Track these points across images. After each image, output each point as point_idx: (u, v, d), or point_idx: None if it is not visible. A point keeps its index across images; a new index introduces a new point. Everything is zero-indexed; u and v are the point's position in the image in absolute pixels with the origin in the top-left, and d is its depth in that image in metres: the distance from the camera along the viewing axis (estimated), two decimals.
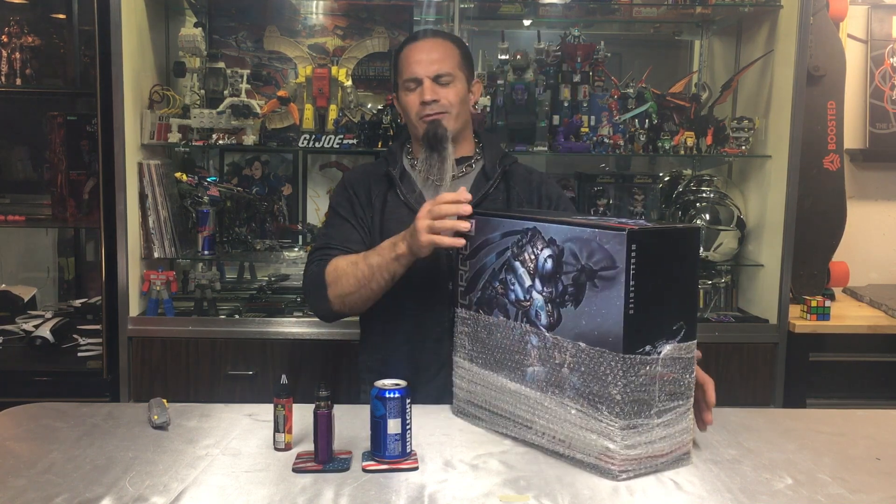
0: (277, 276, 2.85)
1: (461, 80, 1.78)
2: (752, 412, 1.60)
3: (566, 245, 1.32)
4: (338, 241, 1.76)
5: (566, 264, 1.31)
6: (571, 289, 1.31)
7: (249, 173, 2.84)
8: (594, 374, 1.26)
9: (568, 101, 2.60)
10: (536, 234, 1.37)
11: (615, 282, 1.23)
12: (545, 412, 1.35)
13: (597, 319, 1.26)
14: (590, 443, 1.27)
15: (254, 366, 2.43)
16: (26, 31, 2.80)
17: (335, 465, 1.28)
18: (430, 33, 1.85)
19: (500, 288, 1.44)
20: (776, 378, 2.48)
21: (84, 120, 2.69)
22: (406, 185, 1.79)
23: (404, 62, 1.78)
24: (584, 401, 1.28)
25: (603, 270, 1.25)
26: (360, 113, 2.63)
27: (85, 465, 1.28)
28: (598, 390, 1.25)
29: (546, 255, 1.35)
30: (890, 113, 3.00)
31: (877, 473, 1.30)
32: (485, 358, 1.46)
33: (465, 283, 1.50)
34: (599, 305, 1.26)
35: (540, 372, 1.36)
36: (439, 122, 1.73)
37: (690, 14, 2.81)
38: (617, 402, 1.23)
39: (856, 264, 2.86)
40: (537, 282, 1.37)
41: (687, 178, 2.83)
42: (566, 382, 1.31)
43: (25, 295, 2.85)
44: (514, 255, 1.41)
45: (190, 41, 2.53)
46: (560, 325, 1.33)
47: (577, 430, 1.29)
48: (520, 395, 1.39)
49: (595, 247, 1.26)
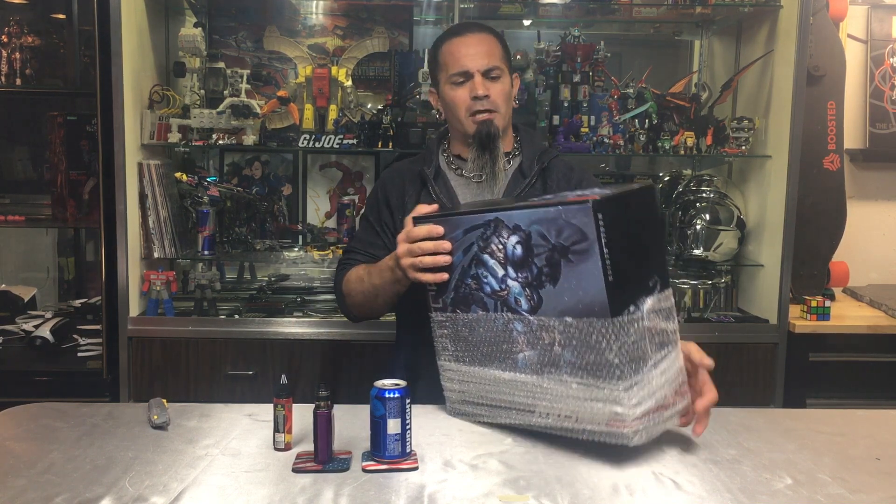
0: (277, 276, 2.85)
1: (507, 74, 1.76)
2: (752, 412, 1.60)
3: (532, 228, 1.33)
4: (361, 246, 1.80)
5: (536, 247, 1.33)
6: (547, 269, 1.32)
7: (249, 173, 2.85)
8: (587, 345, 1.27)
9: (568, 101, 2.60)
10: (499, 223, 1.38)
11: (589, 254, 1.25)
12: (545, 393, 1.35)
13: (578, 293, 1.28)
14: (597, 412, 1.28)
15: (254, 366, 2.43)
16: (26, 31, 2.79)
17: (335, 465, 1.28)
18: (474, 27, 1.80)
19: (473, 284, 1.43)
20: (776, 378, 2.48)
21: (84, 120, 2.69)
22: (440, 184, 1.77)
23: (450, 55, 1.74)
24: (582, 373, 1.29)
25: (575, 245, 1.27)
26: (360, 113, 2.63)
27: (85, 465, 1.28)
28: (594, 359, 1.27)
29: (514, 242, 1.36)
30: (890, 113, 3.00)
31: (877, 473, 1.30)
32: (471, 355, 1.46)
33: (436, 287, 1.48)
34: (578, 279, 1.28)
35: (531, 356, 1.36)
36: (491, 122, 1.71)
37: (690, 14, 2.81)
38: (616, 365, 1.24)
39: (856, 264, 2.87)
40: (510, 269, 1.37)
41: (687, 178, 2.83)
42: (560, 359, 1.32)
43: (25, 295, 2.85)
44: (480, 248, 1.41)
45: (190, 41, 2.53)
46: (542, 307, 1.34)
47: (581, 403, 1.30)
48: (516, 382, 1.39)
49: (562, 224, 1.28)
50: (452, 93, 1.73)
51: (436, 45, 1.81)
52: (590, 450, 1.37)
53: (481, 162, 1.73)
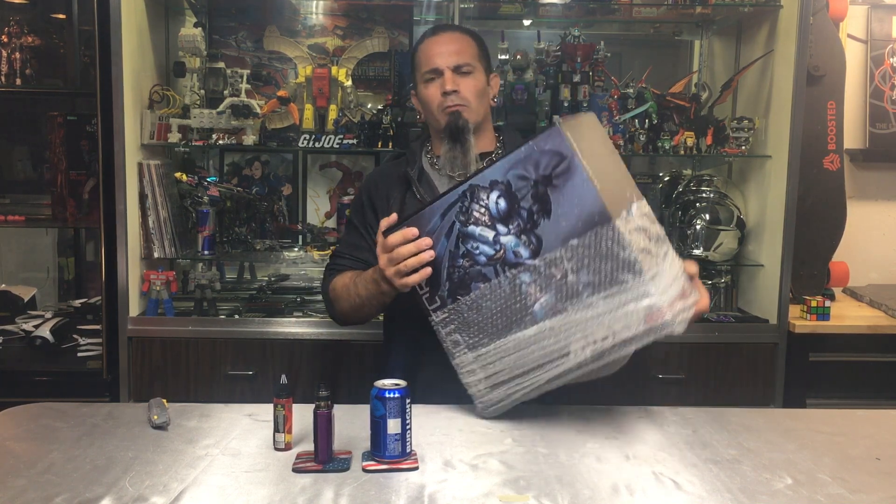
0: (277, 276, 2.85)
1: (480, 71, 1.79)
2: (752, 412, 1.60)
3: (509, 176, 1.36)
4: (348, 250, 1.82)
5: (519, 191, 1.36)
6: (536, 206, 1.35)
7: (249, 173, 2.84)
8: (600, 256, 1.30)
9: (568, 101, 2.60)
10: (475, 189, 1.39)
11: (571, 170, 1.30)
12: (575, 327, 1.35)
13: (574, 211, 1.32)
14: (631, 315, 1.30)
15: (254, 366, 2.42)
16: (26, 31, 2.79)
17: (335, 465, 1.28)
18: (447, 27, 1.86)
19: (466, 263, 1.43)
20: (776, 378, 2.48)
21: (84, 120, 2.69)
22: (424, 185, 1.79)
23: (423, 55, 1.79)
24: (604, 285, 1.31)
25: (556, 169, 1.31)
26: (360, 113, 2.63)
27: (85, 465, 1.28)
28: (611, 266, 1.29)
29: (496, 198, 1.38)
30: (890, 113, 3.00)
31: (877, 473, 1.30)
32: (487, 333, 1.43)
33: (427, 286, 1.46)
34: (569, 199, 1.31)
35: (548, 300, 1.37)
36: (460, 114, 1.74)
37: (690, 14, 2.81)
38: (633, 260, 1.28)
39: (856, 264, 2.86)
40: (499, 227, 1.39)
41: (687, 178, 2.83)
42: (578, 286, 1.33)
43: (25, 295, 2.85)
44: (462, 223, 1.41)
45: (190, 41, 2.54)
46: (543, 245, 1.36)
47: (613, 316, 1.31)
48: (542, 333, 1.38)
49: (537, 156, 1.32)
50: (426, 90, 1.78)
51: (413, 49, 1.86)
52: (590, 450, 1.37)
53: (452, 154, 1.75)
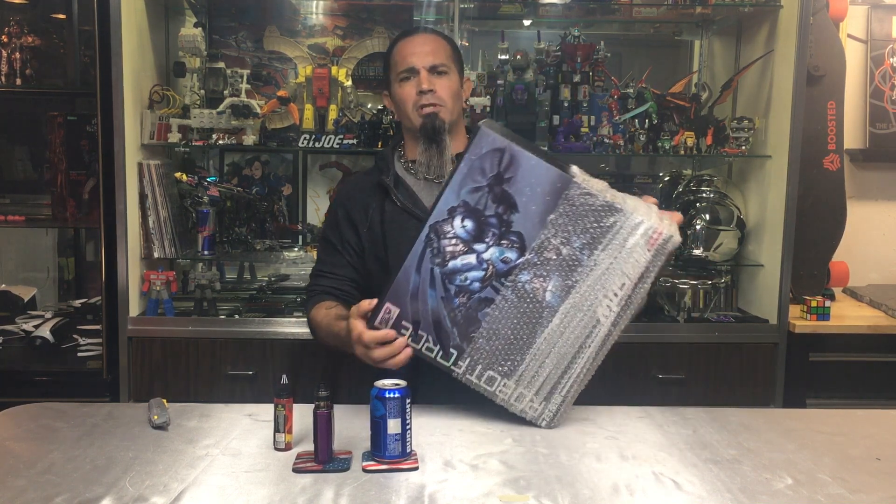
0: (277, 276, 2.85)
1: (455, 73, 1.80)
2: (752, 412, 1.60)
3: (462, 195, 1.38)
4: (327, 268, 1.81)
5: (478, 203, 1.38)
6: (501, 207, 1.38)
7: (249, 173, 2.84)
8: (580, 215, 1.36)
9: (568, 101, 2.60)
10: (436, 227, 1.40)
11: (515, 157, 1.36)
12: (592, 291, 1.38)
13: (537, 190, 1.36)
14: (634, 249, 1.35)
15: (254, 366, 2.42)
16: (26, 31, 2.79)
17: (335, 465, 1.28)
18: (423, 30, 1.89)
19: (463, 298, 1.41)
20: (776, 378, 2.48)
21: (84, 120, 2.69)
22: (402, 191, 1.78)
23: (398, 56, 1.79)
24: (598, 238, 1.36)
25: (501, 164, 1.36)
26: (360, 113, 2.63)
27: (85, 465, 1.28)
28: (593, 218, 1.36)
29: (460, 223, 1.39)
30: (890, 113, 3.00)
31: (877, 473, 1.30)
32: (516, 351, 1.42)
33: (437, 344, 1.43)
34: (528, 183, 1.36)
35: (556, 284, 1.39)
36: (436, 115, 1.74)
37: (690, 14, 2.81)
38: (609, 202, 1.36)
39: (856, 264, 2.86)
40: (477, 246, 1.40)
41: (687, 178, 2.83)
42: (575, 253, 1.37)
43: (25, 295, 2.85)
44: (441, 265, 1.41)
45: (190, 41, 2.53)
46: (525, 237, 1.38)
47: (619, 260, 1.36)
48: (566, 317, 1.40)
49: (478, 164, 1.36)
50: (400, 90, 1.78)
51: (387, 50, 1.86)
52: (590, 450, 1.37)
53: (428, 155, 1.75)
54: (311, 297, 1.79)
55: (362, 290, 1.78)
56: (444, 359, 1.44)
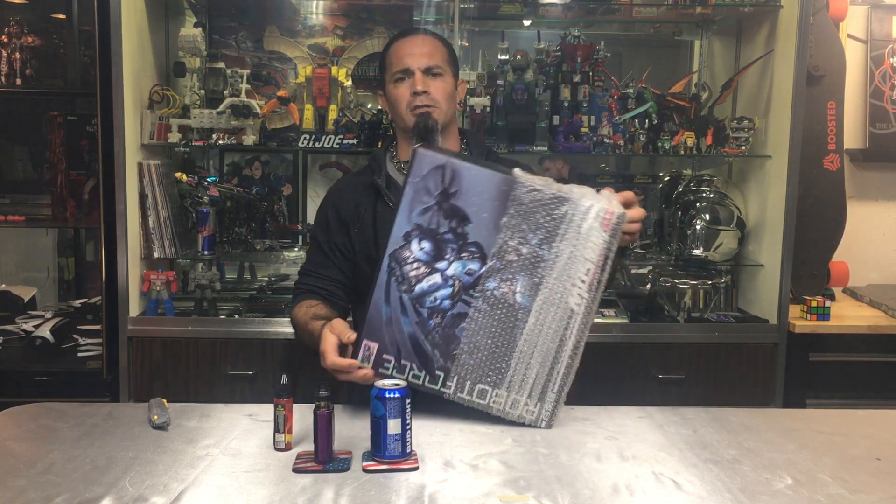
0: (277, 276, 2.85)
1: (450, 75, 1.80)
2: (752, 412, 1.60)
3: (414, 219, 1.41)
4: (313, 268, 1.82)
5: (431, 223, 1.41)
6: (453, 222, 1.40)
7: (249, 173, 2.84)
8: (531, 212, 1.39)
9: (568, 101, 2.60)
10: (395, 255, 1.42)
11: (457, 170, 1.39)
12: (559, 283, 1.41)
13: (485, 197, 1.39)
14: (590, 233, 1.38)
15: (254, 366, 2.42)
16: (26, 31, 2.80)
17: (335, 465, 1.28)
18: (419, 31, 1.87)
19: (437, 318, 1.43)
20: (776, 378, 2.48)
21: (84, 120, 2.69)
22: (394, 191, 1.77)
23: (394, 56, 1.80)
24: (553, 230, 1.39)
25: (444, 180, 1.39)
26: (360, 113, 2.63)
27: (85, 465, 1.28)
28: (544, 212, 1.39)
29: (417, 246, 1.41)
30: (890, 113, 3.00)
31: (877, 473, 1.30)
32: (500, 358, 1.43)
33: (422, 370, 1.44)
34: (474, 192, 1.39)
35: (523, 284, 1.41)
36: (429, 115, 1.74)
37: (690, 14, 2.81)
38: (556, 193, 1.39)
39: (856, 264, 2.86)
40: (439, 265, 1.42)
41: (687, 178, 2.83)
42: (535, 250, 1.40)
43: (25, 295, 2.85)
44: (407, 290, 1.42)
45: (190, 41, 2.53)
46: (484, 245, 1.40)
47: (578, 247, 1.39)
48: (541, 313, 1.41)
49: (423, 183, 1.39)
50: (395, 90, 1.78)
51: (383, 50, 1.87)
52: (590, 450, 1.37)
53: None
54: (295, 296, 1.81)
55: (349, 291, 1.79)
56: (431, 383, 1.45)
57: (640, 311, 2.60)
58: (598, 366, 2.41)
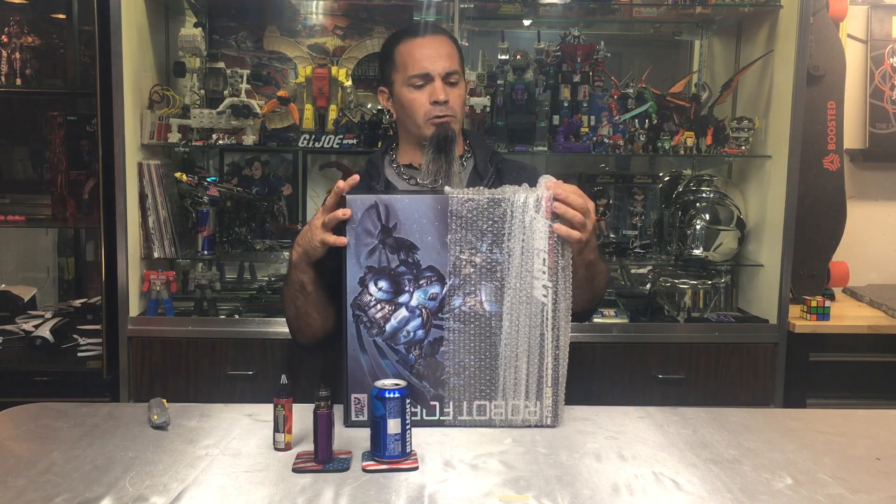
0: (277, 276, 2.84)
1: (462, 80, 1.77)
2: (752, 412, 1.60)
3: (363, 262, 1.42)
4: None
5: (381, 263, 1.42)
6: (402, 253, 1.41)
7: (249, 173, 2.84)
8: (472, 221, 1.41)
9: (568, 101, 2.60)
10: (356, 302, 1.43)
11: (388, 205, 1.41)
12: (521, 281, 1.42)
13: (423, 222, 1.41)
14: (534, 223, 1.40)
15: (254, 366, 2.42)
16: (26, 31, 2.80)
17: (335, 465, 1.28)
18: (432, 28, 1.78)
19: (415, 351, 1.44)
20: (776, 378, 2.48)
21: (84, 120, 2.69)
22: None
23: (409, 56, 1.72)
24: (499, 232, 1.41)
25: (380, 217, 1.41)
26: (360, 113, 2.63)
27: (85, 465, 1.28)
28: (485, 217, 1.41)
29: (375, 287, 1.43)
30: (890, 113, 3.00)
31: (877, 473, 1.30)
32: (486, 370, 1.44)
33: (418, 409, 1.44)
34: (413, 221, 1.41)
35: (487, 292, 1.42)
36: (449, 125, 1.70)
37: (690, 14, 2.81)
38: (491, 196, 1.41)
39: (856, 264, 2.86)
40: (402, 298, 1.43)
41: (687, 178, 2.83)
42: (488, 256, 1.41)
43: (25, 295, 2.85)
44: (379, 333, 1.43)
45: (190, 41, 2.53)
46: (437, 267, 1.42)
47: (528, 241, 1.40)
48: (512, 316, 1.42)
49: (361, 226, 1.41)
50: (411, 95, 1.71)
51: (390, 44, 1.78)
52: (590, 450, 1.37)
53: (436, 165, 1.70)
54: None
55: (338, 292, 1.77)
56: (430, 416, 1.46)
57: (640, 311, 2.60)
58: (598, 366, 2.41)
